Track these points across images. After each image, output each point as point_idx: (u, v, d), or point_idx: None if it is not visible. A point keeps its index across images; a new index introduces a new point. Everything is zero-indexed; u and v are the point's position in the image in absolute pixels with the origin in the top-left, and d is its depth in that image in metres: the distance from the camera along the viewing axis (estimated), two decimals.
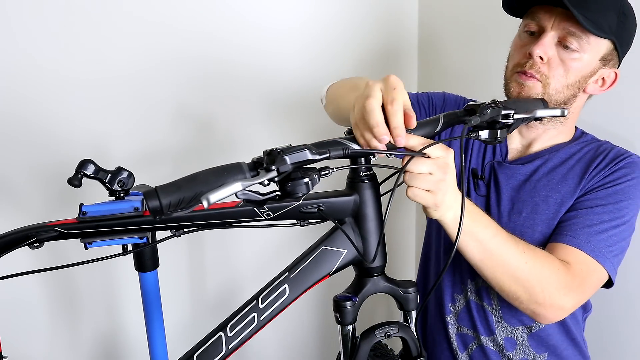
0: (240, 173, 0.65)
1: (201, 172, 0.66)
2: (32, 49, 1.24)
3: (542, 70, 0.93)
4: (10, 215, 1.28)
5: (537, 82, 0.93)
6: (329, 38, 1.58)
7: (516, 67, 0.96)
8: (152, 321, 1.06)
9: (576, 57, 0.92)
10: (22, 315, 1.34)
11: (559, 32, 0.92)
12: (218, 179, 0.64)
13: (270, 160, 0.65)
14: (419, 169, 0.71)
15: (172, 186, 0.64)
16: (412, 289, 0.77)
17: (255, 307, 0.75)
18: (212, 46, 1.43)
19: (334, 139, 0.71)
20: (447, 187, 0.72)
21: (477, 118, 0.75)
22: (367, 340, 0.75)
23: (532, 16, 0.95)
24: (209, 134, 1.48)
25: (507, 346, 1.01)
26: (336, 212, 0.75)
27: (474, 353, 1.04)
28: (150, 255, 1.02)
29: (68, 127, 1.30)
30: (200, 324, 1.55)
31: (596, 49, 0.92)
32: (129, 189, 0.83)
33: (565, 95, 0.95)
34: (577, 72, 0.93)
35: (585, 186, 0.96)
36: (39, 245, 0.78)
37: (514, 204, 1.00)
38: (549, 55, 0.92)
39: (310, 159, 0.67)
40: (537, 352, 1.01)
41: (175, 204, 0.63)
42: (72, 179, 0.77)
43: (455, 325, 1.06)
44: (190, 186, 0.64)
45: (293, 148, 0.66)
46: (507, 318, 1.00)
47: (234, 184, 0.59)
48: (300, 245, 0.81)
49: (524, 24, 0.98)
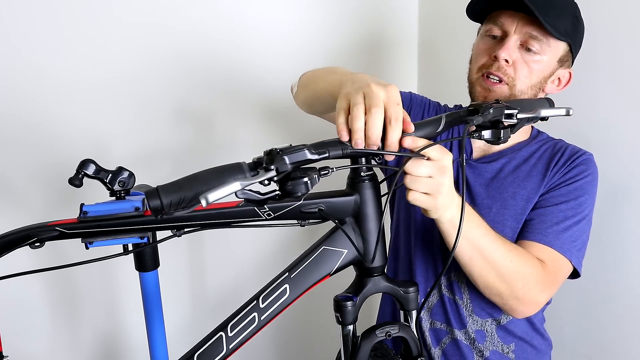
0: (241, 173, 0.65)
1: (202, 172, 0.66)
2: (33, 49, 1.24)
3: (508, 73, 0.98)
4: (11, 215, 1.28)
5: (503, 85, 0.98)
6: (329, 38, 1.58)
7: (482, 69, 1.01)
8: (153, 321, 1.06)
9: (537, 59, 0.98)
10: (23, 315, 1.34)
11: (521, 36, 0.97)
12: (218, 179, 0.64)
13: (270, 160, 0.65)
14: (418, 171, 0.72)
15: (173, 186, 0.64)
16: (412, 289, 0.77)
17: (255, 307, 0.75)
18: (212, 46, 1.44)
19: (335, 138, 0.71)
20: (445, 189, 0.74)
21: (479, 118, 0.75)
22: (367, 340, 0.75)
23: (495, 20, 1.00)
24: (210, 134, 1.48)
25: (478, 338, 1.03)
26: (337, 212, 0.75)
27: (447, 347, 1.05)
28: (151, 255, 1.03)
29: (69, 127, 1.30)
30: (201, 323, 1.55)
31: (555, 51, 0.99)
32: (129, 188, 0.83)
33: (529, 96, 1.00)
34: (539, 73, 0.99)
35: (548, 183, 1.01)
36: (39, 245, 0.78)
37: (482, 201, 1.04)
38: (513, 58, 0.97)
39: (310, 158, 0.67)
40: (505, 342, 1.04)
41: (176, 203, 0.64)
42: (72, 178, 0.77)
43: (429, 320, 1.07)
44: (191, 186, 0.64)
45: (292, 148, 0.66)
46: (477, 311, 1.03)
47: (233, 183, 0.60)
48: (301, 245, 0.81)
49: (485, 28, 1.03)
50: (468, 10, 1.05)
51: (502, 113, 0.78)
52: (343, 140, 0.70)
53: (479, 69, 1.02)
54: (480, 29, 1.07)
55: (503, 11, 0.99)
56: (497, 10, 1.00)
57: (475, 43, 1.07)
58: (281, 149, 0.66)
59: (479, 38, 1.05)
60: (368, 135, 0.68)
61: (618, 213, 1.19)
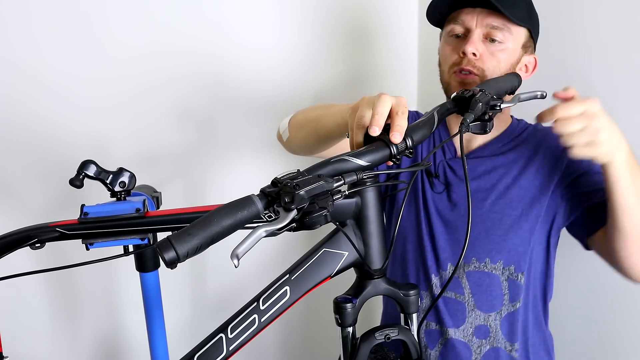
0: (255, 208, 0.63)
1: (213, 214, 0.62)
2: (35, 50, 1.24)
3: (477, 65, 1.02)
4: (11, 216, 1.28)
5: (475, 77, 1.02)
6: (329, 37, 1.58)
7: (453, 67, 1.05)
8: (153, 322, 1.06)
9: (502, 47, 1.02)
10: (23, 315, 1.34)
11: (483, 29, 1.02)
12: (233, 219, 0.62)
13: (289, 198, 0.62)
14: (571, 128, 0.79)
15: (186, 234, 0.61)
16: (412, 292, 0.77)
17: (256, 309, 0.74)
18: (213, 47, 1.44)
19: (340, 157, 0.69)
20: (605, 133, 0.80)
21: (471, 115, 0.76)
22: (366, 342, 0.75)
23: (455, 20, 1.05)
24: (210, 135, 1.48)
25: (478, 334, 1.03)
26: (338, 214, 0.75)
27: (443, 348, 1.05)
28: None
29: (70, 128, 1.30)
30: (201, 324, 1.55)
31: (517, 37, 1.04)
32: (130, 189, 0.83)
33: None
34: (506, 61, 1.03)
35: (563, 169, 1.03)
36: (40, 246, 0.78)
37: (477, 193, 1.06)
38: (480, 50, 1.02)
39: (327, 190, 0.64)
40: (508, 338, 1.04)
41: (193, 251, 0.61)
42: (73, 179, 0.77)
43: (424, 322, 1.06)
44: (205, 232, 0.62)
45: (307, 180, 0.63)
46: (480, 305, 1.03)
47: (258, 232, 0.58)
48: (302, 247, 0.81)
49: (448, 29, 1.07)
50: (428, 15, 1.10)
51: (489, 105, 0.79)
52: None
53: (450, 67, 1.06)
54: (442, 33, 1.12)
55: (461, 10, 1.04)
56: (455, 10, 1.05)
57: (440, 47, 1.11)
58: (297, 183, 0.62)
59: (443, 41, 1.10)
60: (375, 112, 0.72)
61: None
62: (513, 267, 1.03)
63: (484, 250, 1.03)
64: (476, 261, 1.03)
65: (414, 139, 0.73)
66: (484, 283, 1.03)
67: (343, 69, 1.61)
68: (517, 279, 1.03)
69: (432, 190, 1.09)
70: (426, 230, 1.08)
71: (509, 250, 1.02)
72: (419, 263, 1.08)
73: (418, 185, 1.11)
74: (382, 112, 0.72)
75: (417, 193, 1.11)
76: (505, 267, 1.03)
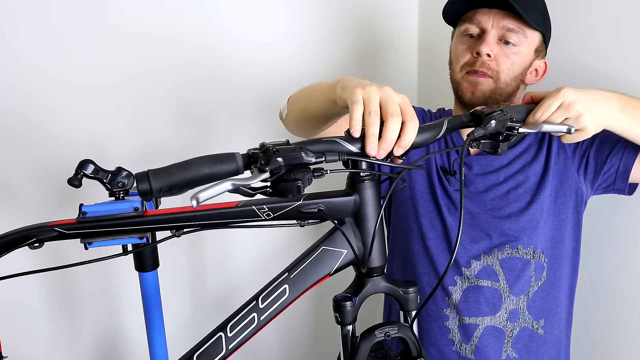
0: (234, 164, 0.65)
1: (194, 160, 0.65)
2: (33, 49, 1.24)
3: (491, 67, 1.03)
4: (10, 216, 1.28)
5: (488, 79, 1.03)
6: (329, 38, 1.58)
7: (465, 67, 1.05)
8: (152, 321, 1.06)
9: (516, 50, 1.03)
10: (22, 315, 1.34)
11: (498, 31, 1.02)
12: (211, 169, 0.64)
13: (265, 160, 0.64)
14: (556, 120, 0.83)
15: (164, 172, 0.64)
16: (412, 289, 0.77)
17: (255, 308, 0.75)
18: (212, 46, 1.43)
19: (333, 137, 0.70)
20: (587, 113, 0.83)
21: (480, 130, 0.74)
22: (366, 341, 0.75)
23: (470, 20, 1.05)
24: (209, 134, 1.48)
25: (511, 318, 1.05)
26: (336, 212, 0.75)
27: (480, 339, 1.05)
28: (150, 255, 1.02)
29: (68, 128, 1.30)
30: (200, 324, 1.55)
31: (531, 41, 1.04)
32: (128, 189, 0.82)
33: (512, 87, 1.06)
34: (519, 64, 1.04)
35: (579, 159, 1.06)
36: (39, 246, 0.78)
37: (499, 184, 1.08)
38: (494, 52, 1.02)
39: (305, 162, 0.66)
40: (534, 318, 1.06)
41: (166, 189, 0.63)
42: (72, 179, 0.77)
43: (456, 317, 1.07)
44: (182, 174, 0.64)
45: (288, 148, 0.65)
46: (514, 290, 1.05)
47: (225, 183, 0.60)
48: (300, 245, 0.81)
49: (462, 29, 1.07)
50: (444, 13, 1.10)
51: (504, 126, 0.76)
52: (355, 135, 0.69)
53: (462, 67, 1.06)
54: (455, 32, 1.11)
55: (477, 10, 1.04)
56: (472, 9, 1.05)
57: (452, 45, 1.11)
58: (277, 148, 0.65)
59: (456, 39, 1.10)
60: (385, 139, 0.68)
61: (618, 212, 1.19)
62: (540, 249, 1.05)
63: (517, 237, 1.05)
64: (509, 248, 1.05)
65: (417, 140, 0.72)
66: (516, 268, 1.05)
67: (343, 68, 1.60)
68: (542, 261, 1.06)
69: (450, 186, 1.11)
70: (455, 225, 1.08)
71: (538, 235, 1.05)
72: (444, 258, 1.09)
73: (434, 182, 1.11)
74: (393, 139, 0.68)
75: (434, 189, 1.11)
76: (535, 252, 1.05)
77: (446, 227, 1.09)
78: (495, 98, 1.05)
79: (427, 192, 1.12)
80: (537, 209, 1.05)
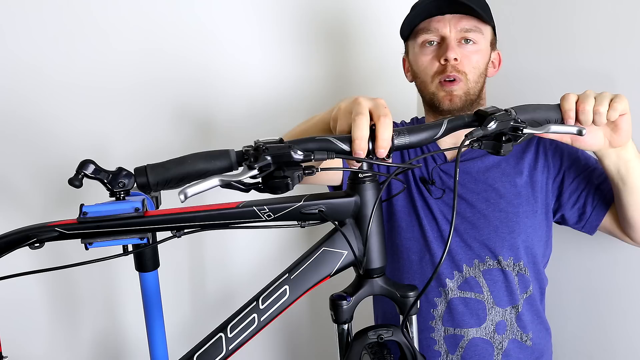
0: (227, 160, 0.67)
1: (190, 156, 0.68)
2: (33, 50, 1.24)
3: (460, 69, 1.05)
4: (10, 216, 1.28)
5: (459, 83, 1.04)
6: (329, 38, 1.58)
7: (437, 76, 1.06)
8: (153, 321, 1.06)
9: (477, 48, 1.06)
10: (23, 315, 1.34)
11: (457, 34, 1.05)
12: (205, 165, 0.67)
13: (255, 157, 0.66)
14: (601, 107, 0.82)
15: (161, 167, 0.67)
16: (411, 293, 0.76)
17: (255, 308, 0.74)
18: (212, 46, 1.43)
19: (325, 136, 0.70)
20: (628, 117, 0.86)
21: (479, 131, 0.72)
22: (359, 341, 0.75)
23: (427, 30, 1.07)
24: (209, 135, 1.48)
25: (499, 330, 1.05)
26: (337, 213, 0.75)
27: (466, 350, 1.05)
28: (151, 255, 1.02)
29: (69, 128, 1.30)
30: (201, 324, 1.54)
31: (486, 36, 1.08)
32: (129, 189, 0.82)
33: (480, 84, 1.08)
34: (481, 60, 1.07)
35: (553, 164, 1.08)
36: (39, 246, 0.78)
37: (477, 195, 1.08)
38: (459, 54, 1.04)
39: (294, 160, 0.67)
40: (523, 330, 1.07)
41: (163, 183, 0.67)
42: (72, 179, 0.77)
43: (442, 328, 1.07)
44: (177, 168, 0.67)
45: (278, 146, 0.67)
46: (498, 302, 1.05)
47: (213, 179, 0.61)
48: (301, 246, 0.81)
49: (420, 40, 1.08)
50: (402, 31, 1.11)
51: (507, 127, 0.74)
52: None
53: (433, 77, 1.07)
54: (409, 45, 1.12)
55: (430, 20, 1.06)
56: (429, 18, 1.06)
57: (413, 58, 1.11)
58: (267, 146, 0.66)
59: (417, 51, 1.09)
60: (379, 140, 0.68)
61: None
62: (521, 262, 1.06)
63: (496, 248, 1.06)
64: (490, 259, 1.06)
65: (413, 140, 0.72)
66: (498, 280, 1.06)
67: (340, 72, 1.61)
68: (525, 272, 1.06)
69: (432, 196, 1.10)
70: (435, 236, 1.08)
71: (517, 247, 1.05)
72: (428, 271, 1.08)
73: (414, 195, 1.11)
74: (362, 136, 0.68)
75: (414, 203, 1.11)
76: (515, 263, 1.06)
77: (427, 239, 1.09)
78: (470, 99, 1.06)
79: (408, 206, 1.12)
80: (517, 220, 1.06)
